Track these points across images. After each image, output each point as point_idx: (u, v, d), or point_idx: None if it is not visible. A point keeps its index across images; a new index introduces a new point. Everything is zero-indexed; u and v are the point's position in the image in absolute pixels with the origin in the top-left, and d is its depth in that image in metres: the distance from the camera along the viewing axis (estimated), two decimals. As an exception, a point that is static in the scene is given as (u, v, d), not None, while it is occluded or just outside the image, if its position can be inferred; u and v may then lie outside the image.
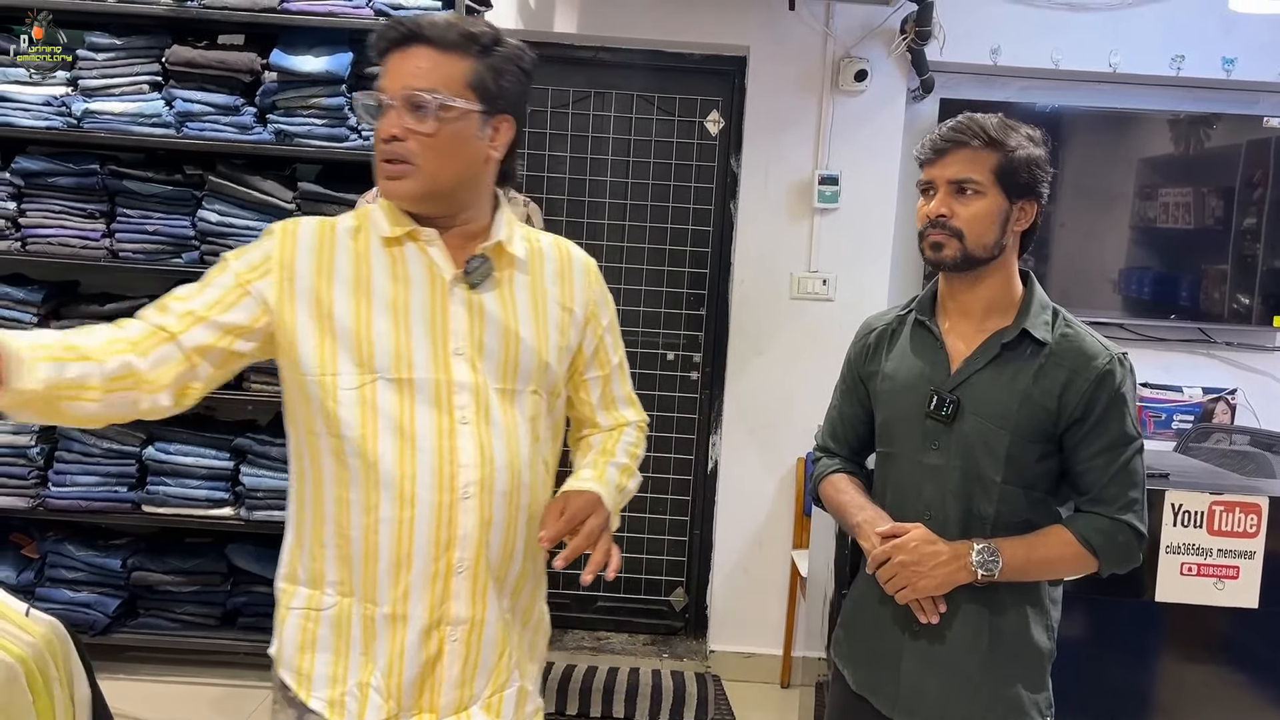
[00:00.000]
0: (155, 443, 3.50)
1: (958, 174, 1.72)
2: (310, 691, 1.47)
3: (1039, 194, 1.76)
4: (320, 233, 1.50)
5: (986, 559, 1.69)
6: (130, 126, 3.38)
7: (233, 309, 1.45)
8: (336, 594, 1.48)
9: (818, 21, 3.82)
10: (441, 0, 3.37)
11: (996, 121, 1.74)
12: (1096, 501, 1.73)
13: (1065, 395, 1.71)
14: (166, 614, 3.58)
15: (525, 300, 1.54)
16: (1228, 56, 3.87)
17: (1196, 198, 4.04)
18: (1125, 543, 1.73)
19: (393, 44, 1.46)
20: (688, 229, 4.08)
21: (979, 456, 1.73)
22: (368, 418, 1.43)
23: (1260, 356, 4.14)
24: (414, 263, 1.48)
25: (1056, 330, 1.76)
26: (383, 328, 1.45)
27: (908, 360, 1.84)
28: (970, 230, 1.72)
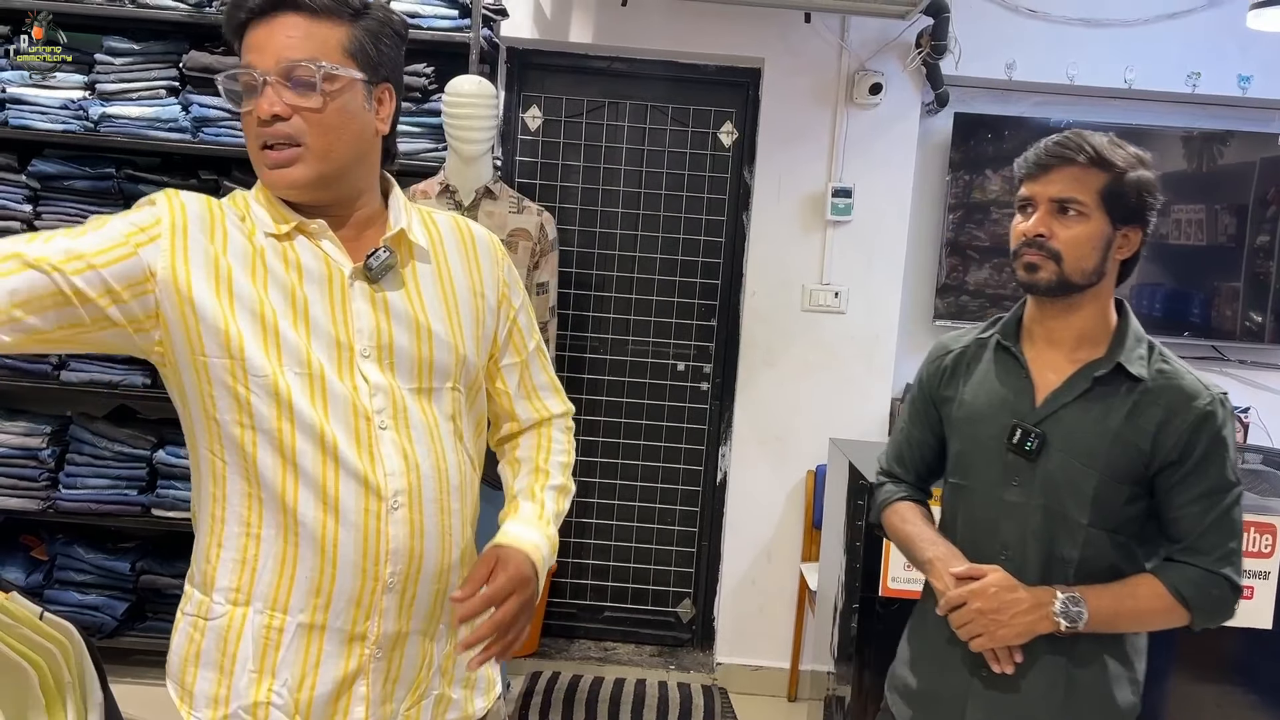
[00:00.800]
0: (166, 446, 3.50)
1: (1061, 192, 1.62)
2: (191, 709, 1.36)
3: (1146, 220, 1.66)
4: (209, 207, 1.33)
5: (1071, 609, 1.58)
6: (147, 131, 3.40)
7: (119, 264, 1.24)
8: (227, 602, 1.34)
9: (833, 34, 3.83)
10: (458, 9, 3.38)
11: (1106, 140, 1.64)
12: (1190, 551, 1.62)
13: (1160, 436, 1.60)
14: (174, 618, 3.57)
15: (433, 290, 1.41)
16: (1244, 74, 3.86)
17: (1209, 215, 4.03)
18: (1220, 596, 1.61)
19: (254, 13, 1.30)
20: (700, 240, 4.08)
21: (1064, 496, 1.63)
22: (281, 412, 1.28)
23: (1273, 375, 4.13)
24: (307, 258, 1.33)
25: (1153, 365, 1.65)
26: (286, 327, 1.30)
27: (989, 387, 1.73)
28: (1070, 253, 1.61)
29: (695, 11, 3.76)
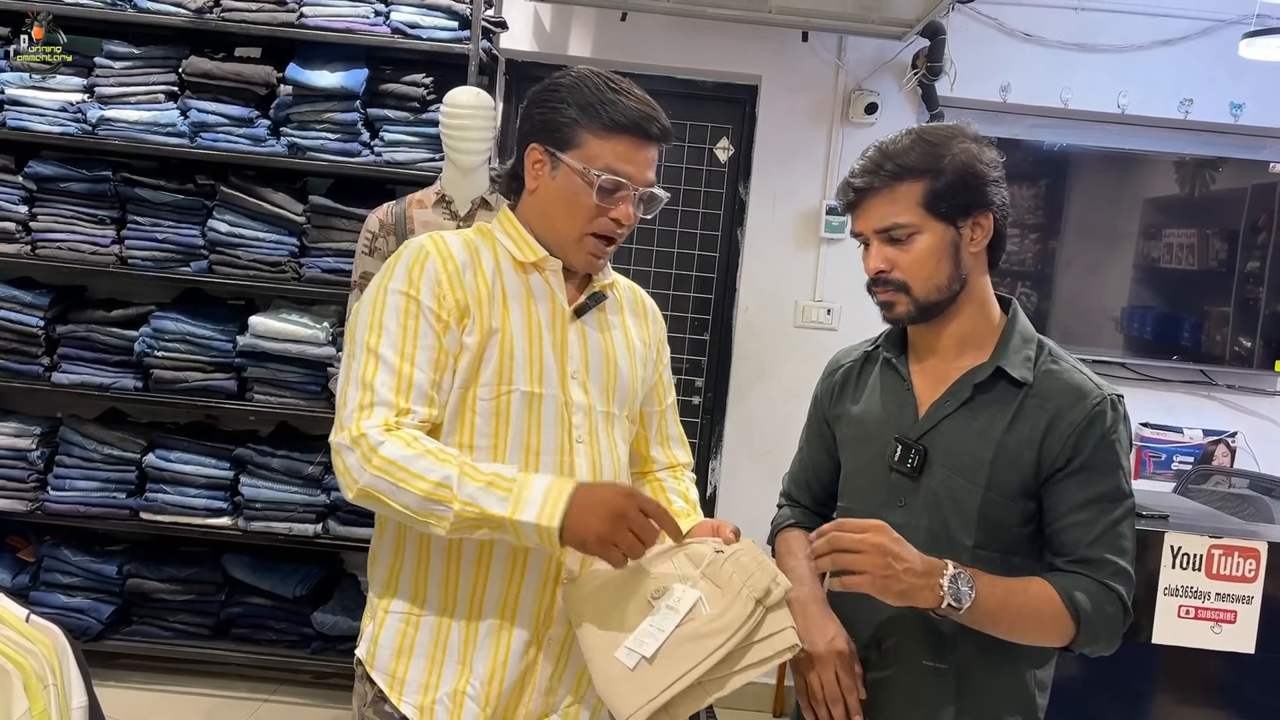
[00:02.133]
0: (156, 450, 3.50)
1: (881, 221, 1.48)
2: (402, 696, 1.51)
3: (988, 201, 1.49)
4: (468, 251, 1.53)
5: (960, 587, 1.38)
6: (145, 135, 3.41)
7: (449, 356, 1.47)
8: (438, 603, 1.51)
9: (830, 53, 3.85)
10: (458, 21, 3.40)
11: (909, 142, 1.49)
12: (1078, 563, 1.45)
13: (1047, 440, 1.46)
14: (160, 622, 3.57)
15: (619, 333, 1.63)
16: (1236, 101, 3.90)
17: (1200, 240, 4.06)
18: (1113, 616, 1.44)
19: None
20: (694, 254, 4.09)
21: (948, 516, 1.49)
22: (499, 429, 1.48)
23: (1261, 400, 4.15)
24: (540, 288, 1.55)
25: (1040, 366, 1.51)
26: (521, 344, 1.50)
27: (874, 404, 1.61)
28: (916, 278, 1.48)
29: (694, 28, 3.79)
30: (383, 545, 1.56)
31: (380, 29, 3.38)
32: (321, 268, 3.46)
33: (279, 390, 3.48)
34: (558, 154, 1.50)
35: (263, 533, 3.46)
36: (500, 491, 1.36)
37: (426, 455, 1.38)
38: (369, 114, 3.45)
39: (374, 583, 1.58)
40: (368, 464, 1.38)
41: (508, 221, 1.58)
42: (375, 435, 1.38)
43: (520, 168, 1.57)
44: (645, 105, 1.51)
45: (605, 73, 1.54)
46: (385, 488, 1.37)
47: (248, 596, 3.58)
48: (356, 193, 3.54)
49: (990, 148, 1.52)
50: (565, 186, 1.50)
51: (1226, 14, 3.79)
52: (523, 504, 1.35)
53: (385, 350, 1.43)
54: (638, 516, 1.37)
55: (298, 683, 3.60)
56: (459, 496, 1.35)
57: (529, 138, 1.54)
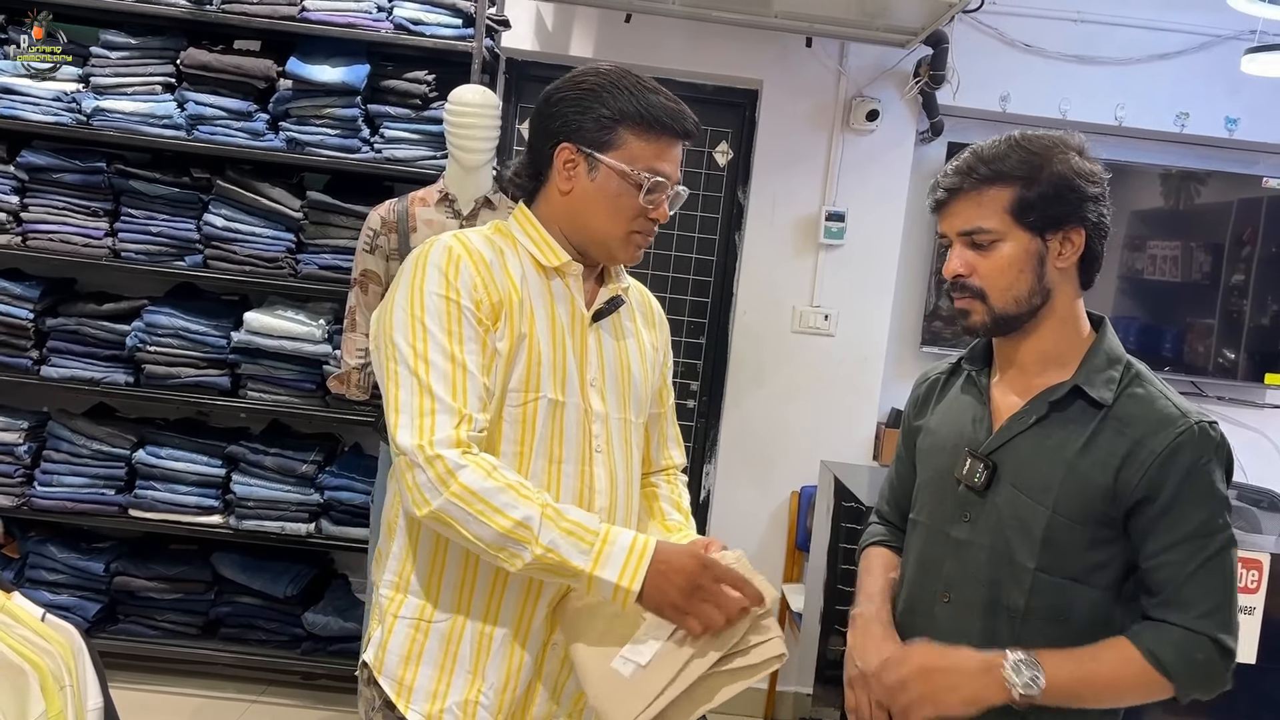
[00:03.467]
0: (146, 446, 3.45)
1: (965, 223, 1.46)
2: (409, 704, 1.48)
3: (1083, 217, 1.45)
4: (494, 251, 1.51)
5: (1025, 671, 1.34)
6: (140, 126, 3.36)
7: (492, 360, 1.45)
8: (450, 610, 1.48)
9: (832, 60, 3.86)
10: (462, 18, 3.37)
11: (1006, 147, 1.45)
12: (1167, 606, 1.38)
13: (1125, 468, 1.40)
14: (147, 621, 3.52)
15: (633, 339, 1.62)
16: (1231, 116, 3.94)
17: (1185, 252, 4.10)
18: (1206, 661, 1.36)
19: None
20: (692, 257, 4.09)
21: (1010, 536, 1.44)
22: (526, 436, 1.46)
23: (1250, 412, 4.19)
24: (560, 294, 1.53)
25: (1123, 388, 1.45)
26: (546, 350, 1.48)
27: (951, 415, 1.58)
28: (993, 286, 1.45)
29: (697, 31, 3.78)
30: (393, 549, 1.53)
31: (383, 25, 3.36)
32: (318, 264, 3.42)
33: (273, 387, 3.44)
34: (596, 155, 1.47)
35: (254, 531, 3.42)
36: (584, 544, 1.34)
37: (508, 490, 1.34)
38: (370, 110, 3.41)
39: (383, 586, 1.53)
40: (445, 488, 1.34)
41: (528, 222, 1.54)
42: (453, 458, 1.34)
43: (545, 167, 1.52)
44: (677, 103, 1.50)
45: (633, 71, 1.51)
46: (461, 516, 1.34)
47: (237, 596, 3.53)
48: (355, 189, 3.51)
49: (1094, 163, 1.47)
50: (605, 188, 1.48)
51: (1224, 29, 3.83)
52: (605, 561, 1.34)
53: (435, 355, 1.39)
54: (715, 588, 1.36)
55: (287, 684, 3.56)
56: (541, 540, 1.33)
57: (558, 137, 1.48)
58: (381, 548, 1.56)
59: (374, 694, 1.52)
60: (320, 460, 3.49)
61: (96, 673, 1.43)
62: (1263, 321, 4.10)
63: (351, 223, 3.38)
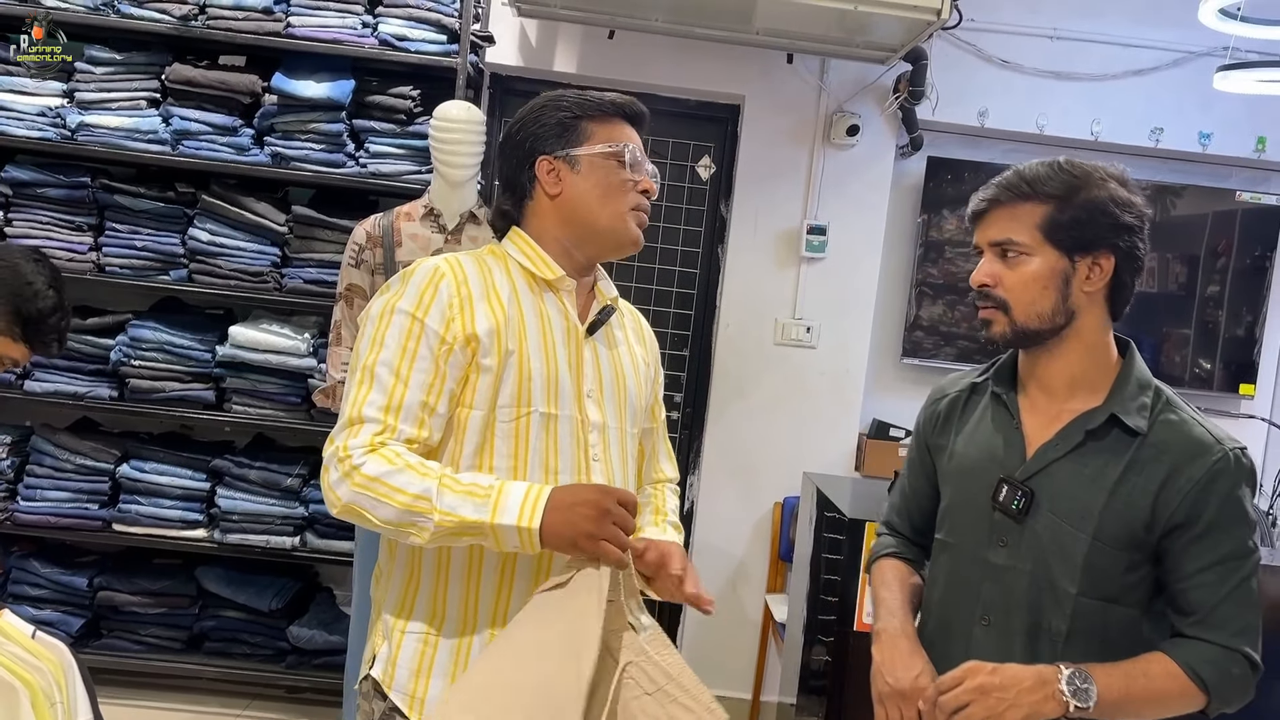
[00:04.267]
0: (130, 460, 3.45)
1: (997, 235, 1.50)
2: (423, 714, 1.50)
3: (1114, 244, 1.48)
4: (481, 271, 1.54)
5: (1079, 685, 1.38)
6: (125, 141, 3.37)
7: (447, 381, 1.47)
8: (457, 622, 1.51)
9: (813, 75, 3.90)
10: (446, 35, 3.40)
11: (1046, 169, 1.50)
12: (1203, 625, 1.43)
13: (1164, 495, 1.44)
14: (131, 636, 3.51)
15: (625, 351, 1.66)
16: (1204, 131, 4.00)
17: (1161, 263, 4.16)
18: (1241, 676, 1.43)
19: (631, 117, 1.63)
20: (675, 271, 4.12)
21: (1052, 562, 1.47)
22: (519, 450, 1.49)
23: (1225, 422, 4.20)
24: (553, 307, 1.57)
25: (1156, 415, 1.48)
26: (538, 365, 1.51)
27: (980, 438, 1.58)
28: (1017, 300, 1.48)
29: (679, 46, 3.82)
30: (395, 565, 1.56)
31: (368, 40, 3.38)
32: (303, 278, 3.43)
33: (258, 401, 3.45)
34: (573, 152, 1.55)
35: (239, 545, 3.42)
36: (478, 499, 1.38)
37: (407, 470, 1.40)
38: (355, 125, 3.43)
39: (386, 603, 1.56)
40: (350, 481, 1.40)
41: (522, 240, 1.60)
42: (358, 454, 1.40)
43: (527, 186, 1.58)
44: (622, 94, 1.61)
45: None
46: (366, 503, 1.39)
47: (222, 610, 3.53)
48: (340, 203, 3.53)
49: (1136, 194, 1.51)
50: (592, 174, 1.55)
51: (1196, 46, 3.90)
52: (501, 509, 1.38)
53: (380, 370, 1.45)
54: (617, 509, 1.39)
55: (272, 697, 3.55)
56: (438, 507, 1.38)
57: (534, 154, 1.57)
58: (383, 567, 1.59)
59: (375, 706, 1.53)
60: (305, 474, 3.49)
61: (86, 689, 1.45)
62: (1237, 332, 4.17)
63: (337, 237, 3.39)
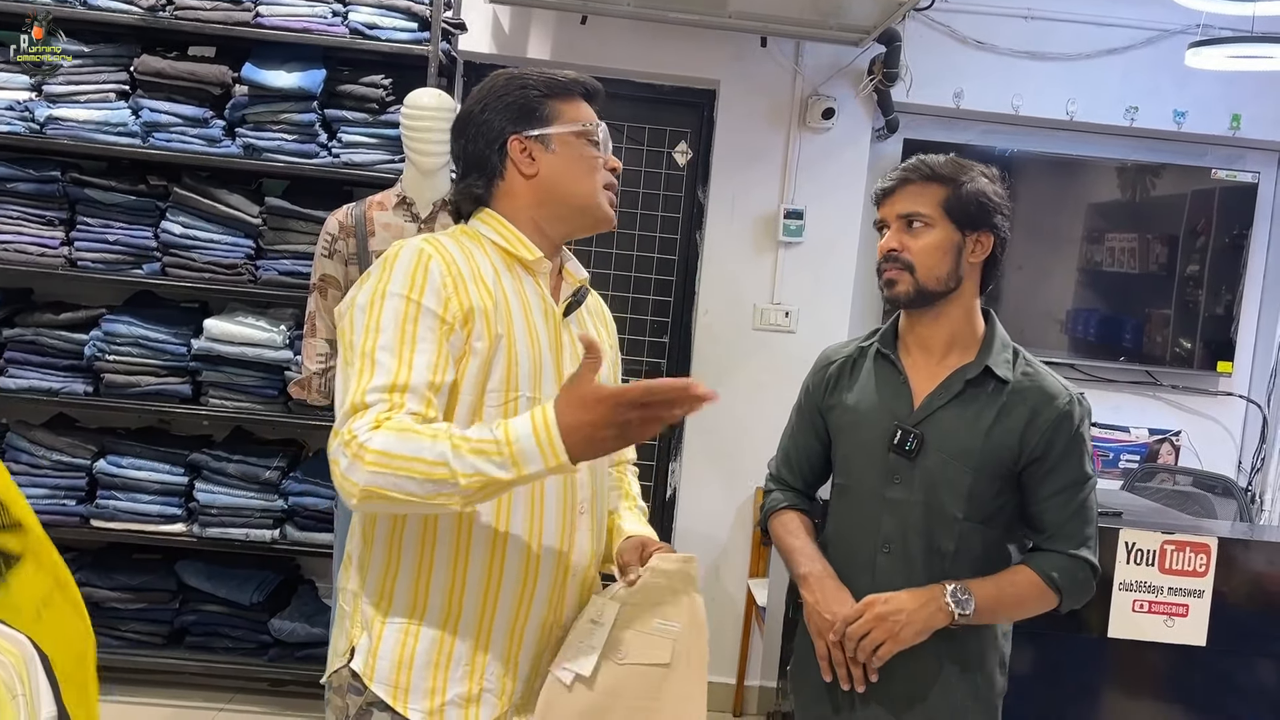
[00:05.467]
0: (107, 456, 3.43)
1: (905, 208, 1.77)
2: (408, 703, 1.48)
3: (993, 226, 1.78)
4: (464, 253, 1.51)
5: (960, 597, 1.69)
6: (95, 135, 3.34)
7: (449, 360, 1.44)
8: (441, 612, 1.49)
9: (788, 59, 3.89)
10: (417, 22, 3.38)
11: (944, 159, 1.79)
12: (1055, 539, 1.76)
13: (1027, 433, 1.74)
14: (111, 631, 3.49)
15: (594, 332, 1.66)
16: (1179, 109, 4.00)
17: (1141, 244, 4.17)
18: (1084, 580, 1.77)
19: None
20: (653, 258, 4.11)
21: (942, 493, 1.75)
22: None
23: (1204, 400, 4.27)
24: (530, 290, 1.55)
25: (1018, 369, 1.78)
26: (524, 349, 1.50)
27: (870, 393, 1.84)
28: (921, 262, 1.75)
29: (653, 31, 3.81)
30: (373, 556, 1.52)
31: (338, 29, 3.35)
32: (278, 270, 3.41)
33: (235, 394, 3.43)
34: (545, 131, 1.54)
35: (218, 539, 3.41)
36: (498, 456, 1.32)
37: (412, 434, 1.33)
38: (326, 115, 3.41)
39: (366, 594, 1.52)
40: (362, 462, 1.32)
41: (496, 221, 1.56)
42: (364, 434, 1.33)
43: (497, 167, 1.55)
44: (578, 73, 1.61)
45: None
46: (385, 482, 1.32)
47: (202, 604, 3.52)
48: (313, 194, 3.50)
49: (1003, 186, 1.81)
50: (566, 153, 1.55)
51: (1171, 24, 3.90)
52: (521, 459, 1.32)
53: (381, 354, 1.39)
54: (633, 414, 1.32)
55: (254, 690, 3.55)
56: (461, 471, 1.32)
57: (504, 134, 1.54)
58: (358, 557, 1.55)
59: (349, 702, 1.51)
60: (284, 466, 3.48)
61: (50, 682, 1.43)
62: (1217, 311, 4.18)
63: (311, 228, 3.37)
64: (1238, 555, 2.54)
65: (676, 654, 1.52)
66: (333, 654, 1.57)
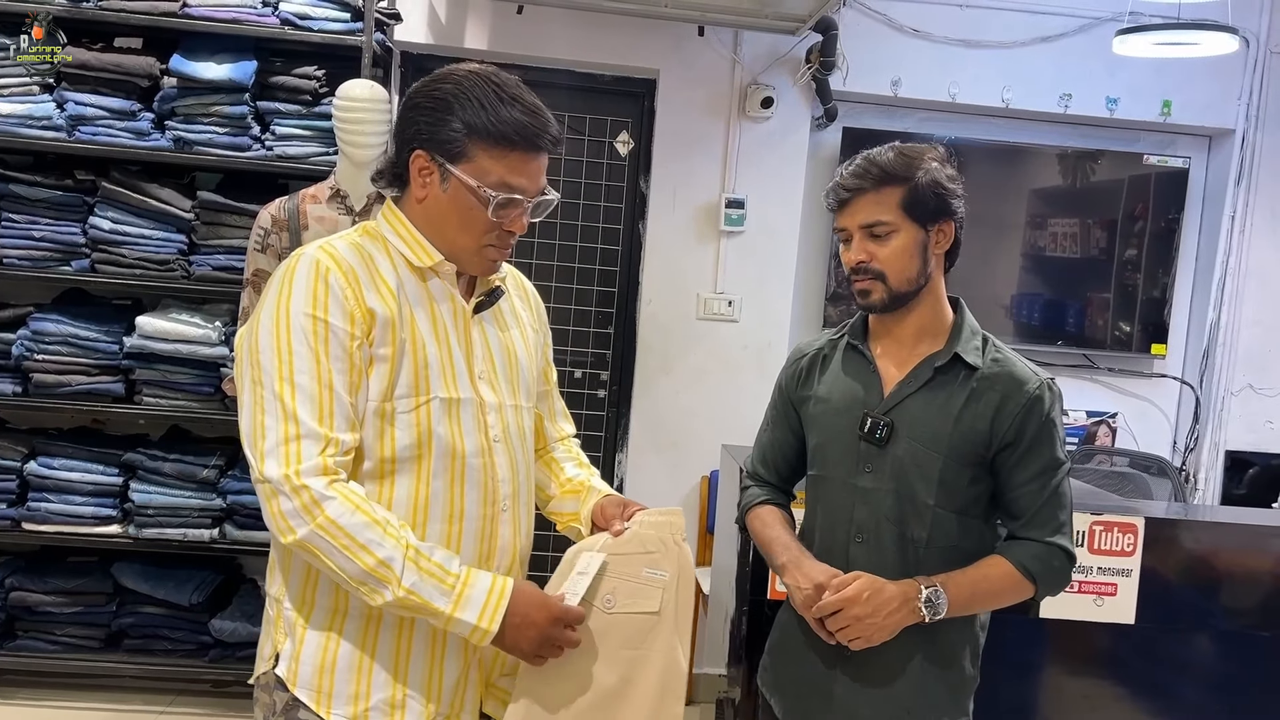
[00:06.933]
0: (38, 457, 3.36)
1: (866, 218, 1.72)
2: (330, 708, 1.48)
3: (952, 211, 1.75)
4: (363, 259, 1.48)
5: (935, 601, 1.67)
6: (18, 129, 3.26)
7: (362, 373, 1.44)
8: (361, 617, 1.48)
9: (726, 48, 3.89)
10: (350, 13, 3.33)
11: (893, 155, 1.74)
12: (1029, 526, 1.74)
13: (997, 419, 1.71)
14: (46, 636, 3.42)
15: (514, 324, 1.64)
16: (1111, 96, 4.07)
17: (1082, 229, 4.23)
18: (1060, 567, 1.73)
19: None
20: (597, 248, 4.10)
21: (912, 480, 1.73)
22: (422, 439, 1.46)
23: (1139, 382, 4.35)
24: (438, 291, 1.53)
25: (987, 355, 1.76)
26: (432, 351, 1.49)
27: (840, 384, 1.82)
28: (891, 269, 1.72)
29: (590, 21, 3.79)
30: (294, 562, 1.50)
31: (269, 20, 3.30)
32: (212, 265, 3.36)
33: (170, 392, 3.37)
34: (448, 166, 1.45)
35: (155, 539, 3.35)
36: (444, 585, 1.40)
37: (374, 526, 1.37)
38: (259, 107, 3.36)
39: (286, 598, 1.51)
40: (310, 519, 1.35)
41: (398, 222, 1.52)
42: (319, 488, 1.36)
43: (404, 169, 1.50)
44: (536, 115, 1.47)
45: (493, 75, 1.47)
46: (325, 548, 1.37)
47: (140, 606, 3.46)
48: (247, 188, 3.44)
49: (952, 166, 1.77)
50: (457, 200, 1.47)
51: (1102, 11, 3.96)
52: (465, 602, 1.40)
53: (300, 378, 1.38)
54: (561, 634, 1.47)
55: (196, 692, 3.50)
56: (403, 583, 1.37)
57: (413, 142, 1.46)
58: (280, 562, 1.53)
59: (275, 698, 1.50)
60: (222, 465, 3.43)
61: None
62: (1153, 294, 4.26)
63: (245, 222, 3.31)
64: (1165, 534, 2.59)
65: (665, 603, 1.55)
66: (259, 658, 1.56)
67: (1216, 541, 2.66)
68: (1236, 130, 4.15)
